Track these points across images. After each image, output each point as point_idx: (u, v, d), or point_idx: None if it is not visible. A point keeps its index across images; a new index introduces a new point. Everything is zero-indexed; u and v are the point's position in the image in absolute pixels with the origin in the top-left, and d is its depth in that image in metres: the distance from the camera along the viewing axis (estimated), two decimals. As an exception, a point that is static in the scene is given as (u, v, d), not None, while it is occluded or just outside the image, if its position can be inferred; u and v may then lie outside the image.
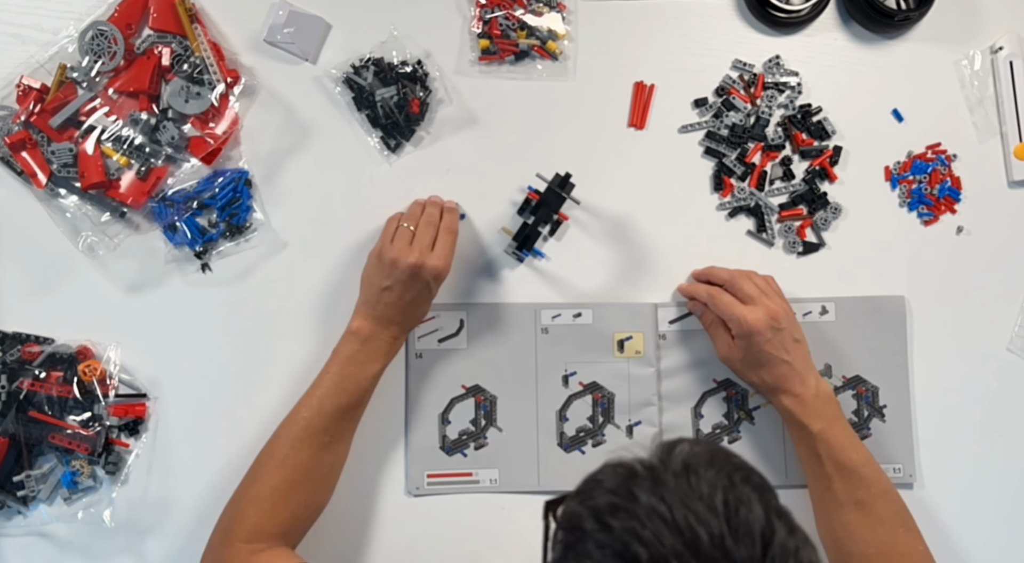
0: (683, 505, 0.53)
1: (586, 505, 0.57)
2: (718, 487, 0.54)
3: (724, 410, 1.05)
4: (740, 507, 0.53)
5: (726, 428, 1.05)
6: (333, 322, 1.00)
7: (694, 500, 0.53)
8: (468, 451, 1.04)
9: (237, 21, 1.04)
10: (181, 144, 1.00)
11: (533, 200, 1.01)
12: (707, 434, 1.05)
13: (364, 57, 1.04)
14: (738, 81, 1.08)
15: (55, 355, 0.98)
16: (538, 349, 1.05)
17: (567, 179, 1.00)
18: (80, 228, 1.00)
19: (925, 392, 1.07)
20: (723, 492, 0.54)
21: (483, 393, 1.04)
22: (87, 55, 0.99)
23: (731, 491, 0.54)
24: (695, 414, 1.05)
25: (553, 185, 0.99)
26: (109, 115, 0.99)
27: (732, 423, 1.05)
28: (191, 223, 1.01)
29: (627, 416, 1.04)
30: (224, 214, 1.02)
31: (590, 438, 1.04)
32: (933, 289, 1.09)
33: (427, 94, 1.04)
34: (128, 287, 1.02)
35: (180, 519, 1.00)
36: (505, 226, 1.04)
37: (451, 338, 1.04)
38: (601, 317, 1.05)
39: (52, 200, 1.00)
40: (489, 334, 1.05)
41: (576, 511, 0.57)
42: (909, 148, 1.10)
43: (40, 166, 0.99)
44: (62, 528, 0.99)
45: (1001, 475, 1.08)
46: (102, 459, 0.98)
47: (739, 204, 1.07)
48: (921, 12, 1.08)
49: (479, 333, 1.04)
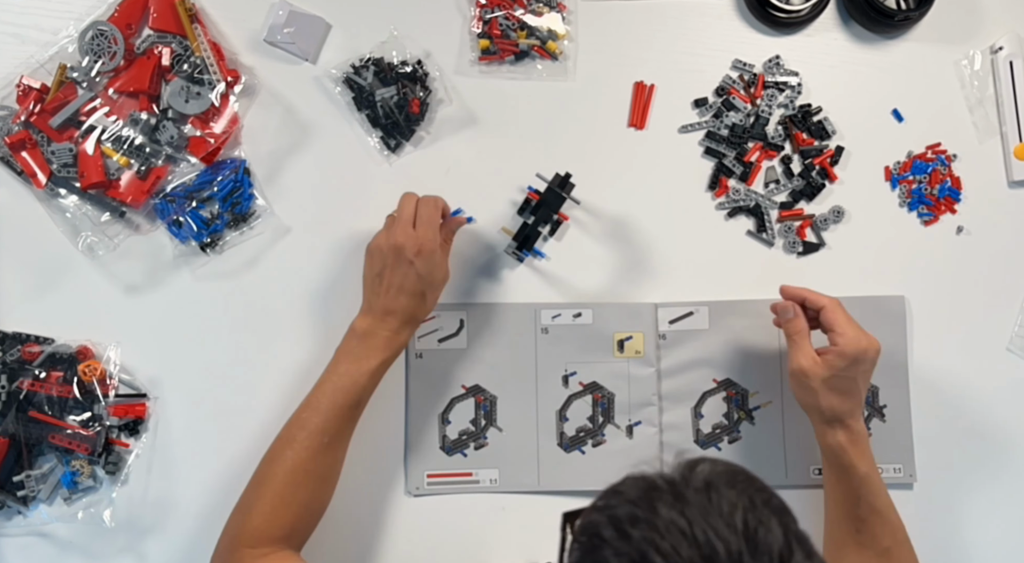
0: (703, 520, 0.53)
1: (605, 514, 0.57)
2: (738, 506, 0.54)
3: (724, 410, 1.05)
4: (759, 527, 0.54)
5: (726, 428, 1.05)
6: (332, 321, 1.00)
7: (714, 516, 0.54)
8: (468, 451, 1.04)
9: (237, 21, 1.04)
10: (181, 144, 1.00)
11: (533, 200, 1.01)
12: (707, 434, 1.05)
13: (364, 57, 1.04)
14: (738, 81, 1.08)
15: (55, 355, 0.98)
16: (538, 349, 1.05)
17: (567, 179, 1.00)
18: (80, 228, 1.00)
19: (925, 392, 1.07)
20: (743, 511, 0.54)
21: (483, 393, 1.04)
22: (87, 55, 0.99)
23: (751, 511, 0.54)
24: (695, 414, 1.05)
25: (553, 185, 0.99)
26: (109, 115, 0.99)
27: (732, 423, 1.05)
28: (195, 216, 1.01)
29: (627, 416, 1.04)
30: (227, 204, 1.01)
31: (590, 438, 1.04)
32: (933, 289, 1.09)
33: (427, 94, 1.04)
34: (128, 286, 1.02)
35: (180, 519, 1.00)
36: (505, 226, 1.04)
37: (451, 338, 1.04)
38: (601, 317, 1.05)
39: (52, 200, 1.00)
40: (489, 334, 1.04)
41: (595, 520, 0.57)
42: (909, 148, 1.10)
43: (40, 166, 0.99)
44: (62, 528, 0.99)
45: (1001, 475, 1.08)
46: (102, 459, 0.98)
47: (739, 204, 1.07)
48: (921, 12, 1.08)
49: (479, 333, 1.04)
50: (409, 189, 0.97)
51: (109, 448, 0.99)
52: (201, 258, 1.03)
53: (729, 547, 0.52)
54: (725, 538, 0.52)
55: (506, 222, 1.04)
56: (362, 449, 0.99)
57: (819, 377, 0.92)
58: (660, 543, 0.53)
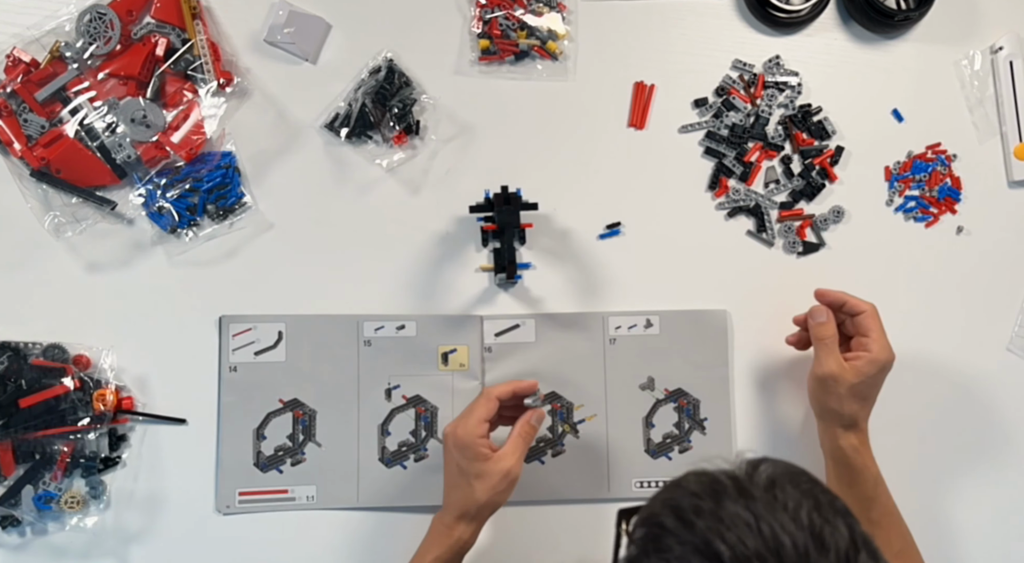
0: (769, 515, 0.53)
1: (668, 505, 0.57)
2: (803, 504, 0.54)
3: (549, 423, 1.03)
4: (825, 526, 0.54)
5: (550, 441, 1.03)
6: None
7: (780, 512, 0.54)
8: (284, 467, 1.00)
9: (238, 21, 1.04)
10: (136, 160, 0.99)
11: (490, 230, 1.00)
12: (531, 448, 1.02)
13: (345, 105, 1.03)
14: (738, 81, 1.08)
15: (51, 360, 0.98)
16: (360, 362, 1.02)
17: (508, 192, 0.98)
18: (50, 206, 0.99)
19: (925, 392, 1.07)
20: (809, 510, 0.54)
21: (302, 407, 1.01)
22: (83, 37, 0.98)
23: (817, 510, 0.54)
24: None
25: (501, 207, 0.97)
26: (94, 100, 0.98)
27: (556, 436, 1.03)
28: (179, 204, 1.00)
29: None
30: (212, 196, 1.01)
31: (412, 453, 1.02)
32: (933, 289, 1.09)
33: (411, 104, 1.03)
34: (116, 284, 1.01)
35: (171, 525, 1.00)
36: (481, 264, 1.03)
37: (268, 350, 1.01)
38: (425, 329, 1.03)
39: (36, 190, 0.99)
40: (309, 346, 1.02)
41: (656, 511, 0.57)
42: (909, 148, 1.10)
43: (16, 135, 0.98)
44: (53, 535, 0.98)
45: (1001, 475, 1.08)
46: (95, 464, 0.98)
47: (739, 204, 1.07)
48: (921, 12, 1.08)
49: (298, 345, 1.02)
50: (406, 189, 0.96)
51: (104, 457, 0.98)
52: (180, 246, 1.01)
53: (796, 542, 0.52)
54: (792, 532, 0.52)
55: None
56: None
57: (848, 383, 0.93)
58: (726, 534, 0.52)
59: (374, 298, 1.03)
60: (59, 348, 0.98)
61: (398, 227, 1.04)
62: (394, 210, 1.04)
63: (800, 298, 1.05)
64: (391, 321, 1.03)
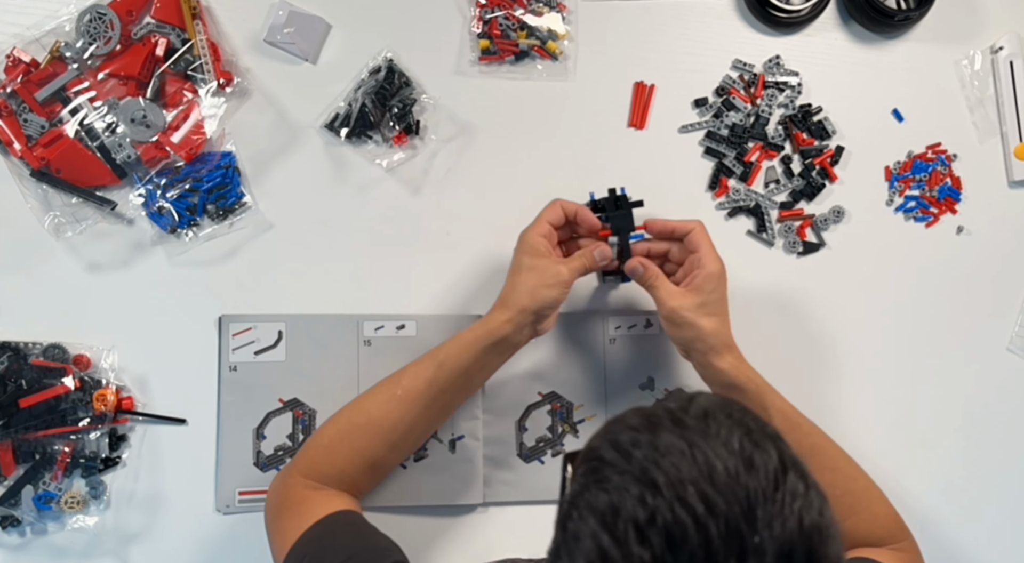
0: (702, 442, 0.56)
1: (607, 439, 0.59)
2: (735, 432, 0.57)
3: (548, 423, 1.04)
4: (755, 450, 0.56)
5: (550, 441, 1.04)
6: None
7: (712, 439, 0.56)
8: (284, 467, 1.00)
9: (237, 21, 1.04)
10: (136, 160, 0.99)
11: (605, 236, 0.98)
12: (531, 448, 1.03)
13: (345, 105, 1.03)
14: (738, 81, 1.08)
15: (51, 360, 0.98)
16: (360, 362, 1.02)
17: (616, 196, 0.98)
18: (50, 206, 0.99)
19: (925, 392, 1.07)
20: (739, 436, 0.57)
21: (302, 407, 1.01)
22: (83, 37, 0.98)
23: (747, 436, 0.57)
24: (519, 427, 1.03)
25: (613, 212, 0.97)
26: (94, 100, 0.98)
27: (556, 436, 1.04)
28: (179, 204, 1.00)
29: (450, 430, 1.02)
30: (212, 196, 1.01)
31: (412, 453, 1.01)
32: (933, 289, 1.09)
33: (411, 104, 1.03)
34: (116, 284, 1.01)
35: (171, 525, 0.99)
36: None
37: (269, 350, 1.01)
38: (425, 329, 1.03)
39: (36, 190, 0.99)
40: (309, 346, 1.01)
41: (597, 445, 0.60)
42: (909, 148, 1.10)
43: (16, 135, 0.98)
44: (53, 535, 0.98)
45: (1001, 475, 1.08)
46: (96, 464, 0.98)
47: (739, 204, 1.07)
48: (921, 12, 1.08)
49: (298, 345, 1.01)
50: (407, 189, 0.96)
51: (104, 457, 0.98)
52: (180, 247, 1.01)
53: (727, 466, 0.55)
54: (723, 457, 0.55)
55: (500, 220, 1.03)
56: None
57: (692, 306, 0.91)
58: (662, 461, 0.55)
59: (374, 298, 1.03)
60: (59, 348, 0.98)
61: (398, 227, 1.04)
62: (394, 210, 1.04)
63: (800, 298, 1.06)
64: (391, 321, 1.03)
